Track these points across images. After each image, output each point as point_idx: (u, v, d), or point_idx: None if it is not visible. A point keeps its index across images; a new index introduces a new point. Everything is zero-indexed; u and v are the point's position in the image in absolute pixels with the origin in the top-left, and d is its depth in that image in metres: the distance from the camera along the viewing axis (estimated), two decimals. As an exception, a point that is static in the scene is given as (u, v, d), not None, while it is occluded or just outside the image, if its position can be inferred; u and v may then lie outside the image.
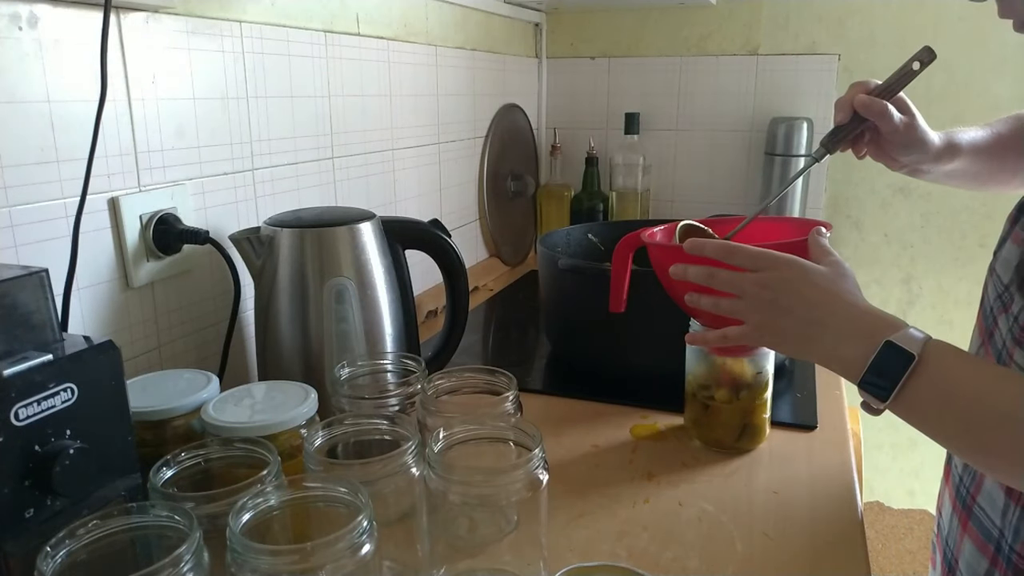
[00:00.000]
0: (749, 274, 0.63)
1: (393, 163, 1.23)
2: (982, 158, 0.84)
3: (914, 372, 0.53)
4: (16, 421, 0.46)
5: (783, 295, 0.61)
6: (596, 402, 0.95)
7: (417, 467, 0.56)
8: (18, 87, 0.64)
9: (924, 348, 0.54)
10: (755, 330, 0.64)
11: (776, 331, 0.63)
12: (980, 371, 0.54)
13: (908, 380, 0.53)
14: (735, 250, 0.65)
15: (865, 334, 0.56)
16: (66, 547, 0.44)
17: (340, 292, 0.81)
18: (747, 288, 0.63)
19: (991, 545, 0.62)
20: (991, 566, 0.62)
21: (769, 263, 0.63)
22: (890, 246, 1.68)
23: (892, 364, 0.54)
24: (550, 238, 1.19)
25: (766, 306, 0.63)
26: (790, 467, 0.79)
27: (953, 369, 0.54)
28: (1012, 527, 0.60)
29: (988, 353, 0.64)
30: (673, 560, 0.64)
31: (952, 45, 1.53)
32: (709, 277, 0.66)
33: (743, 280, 0.64)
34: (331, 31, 1.04)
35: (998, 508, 0.62)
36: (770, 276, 0.62)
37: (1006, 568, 0.61)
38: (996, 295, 0.64)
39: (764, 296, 0.62)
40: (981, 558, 0.64)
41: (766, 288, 0.62)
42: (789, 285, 0.61)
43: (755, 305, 0.63)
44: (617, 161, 1.68)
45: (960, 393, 0.53)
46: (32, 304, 0.50)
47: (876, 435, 1.73)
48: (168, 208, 0.79)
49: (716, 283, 0.66)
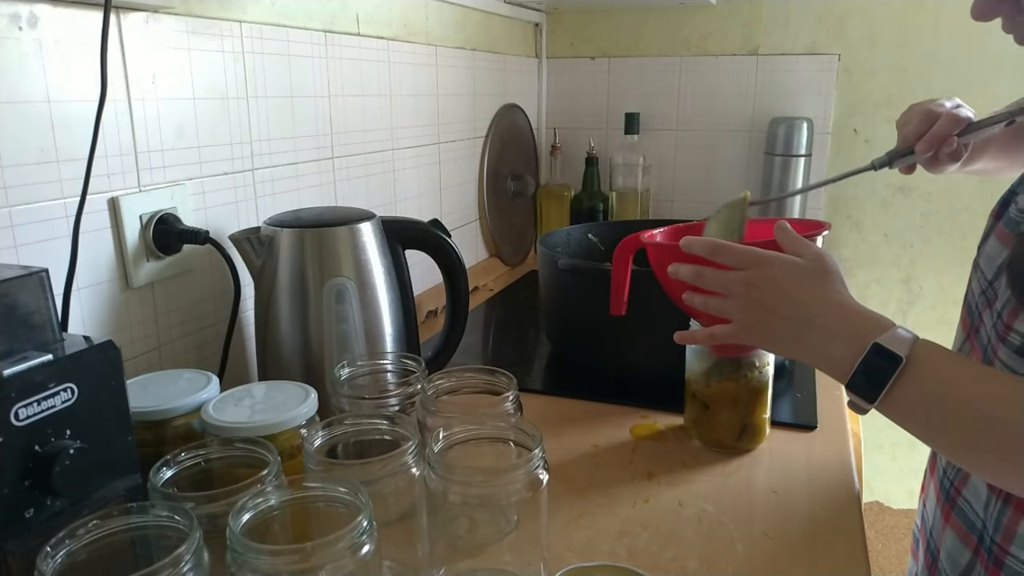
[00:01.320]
0: (736, 272, 0.63)
1: (393, 163, 1.23)
2: (1002, 154, 0.84)
3: (902, 374, 0.53)
4: (16, 421, 0.46)
5: (770, 294, 0.61)
6: (596, 402, 0.95)
7: (417, 467, 0.56)
8: (18, 87, 0.64)
9: (912, 350, 0.54)
10: (742, 329, 0.64)
11: (764, 330, 0.63)
12: (966, 372, 0.54)
13: (896, 382, 0.53)
14: (720, 248, 0.64)
15: (853, 335, 0.56)
16: (66, 547, 0.44)
17: (340, 292, 0.81)
18: (733, 287, 0.63)
19: (974, 536, 0.63)
20: (973, 556, 0.63)
21: (755, 261, 0.63)
22: (890, 246, 1.68)
23: (880, 366, 0.54)
24: (550, 238, 1.19)
25: (753, 305, 0.62)
26: (790, 467, 0.79)
27: (940, 370, 0.54)
28: (993, 520, 0.61)
29: (974, 348, 0.65)
30: (673, 560, 0.64)
31: (952, 45, 1.53)
32: (697, 276, 0.66)
33: (729, 279, 0.63)
34: (331, 31, 1.04)
35: (981, 501, 0.63)
36: (756, 275, 0.62)
37: (988, 560, 0.61)
38: (980, 290, 0.65)
39: (751, 295, 0.62)
40: (964, 549, 0.65)
41: (752, 287, 0.62)
42: (775, 284, 0.61)
43: (742, 304, 0.63)
44: (617, 161, 1.68)
45: (947, 394, 0.53)
46: (32, 304, 0.50)
47: (876, 435, 1.73)
48: (168, 208, 0.79)
49: (703, 282, 0.66)
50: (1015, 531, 0.59)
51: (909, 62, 1.57)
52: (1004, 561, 0.59)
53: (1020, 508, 0.58)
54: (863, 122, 1.64)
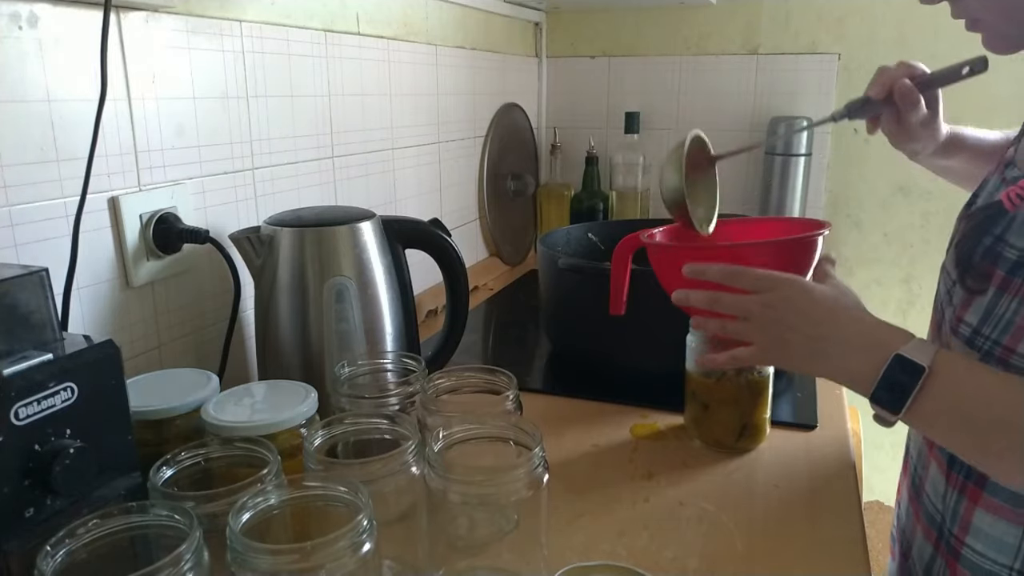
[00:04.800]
0: (754, 296, 0.64)
1: (393, 163, 1.23)
2: (982, 160, 0.84)
3: (925, 383, 0.53)
4: (16, 421, 0.46)
5: (788, 313, 0.62)
6: (596, 402, 0.95)
7: (417, 467, 0.56)
8: (18, 87, 0.64)
9: (934, 359, 0.54)
10: (763, 351, 0.65)
11: (784, 349, 0.63)
12: (987, 379, 0.55)
13: (920, 392, 0.54)
14: (739, 273, 0.65)
15: (873, 347, 0.57)
16: (66, 547, 0.44)
17: (340, 291, 0.81)
18: (753, 309, 0.64)
19: (934, 530, 0.64)
20: (934, 550, 0.64)
21: (770, 284, 0.64)
22: (890, 246, 1.68)
23: (903, 376, 0.54)
24: (550, 238, 1.19)
25: (772, 325, 0.63)
26: (790, 467, 0.79)
27: (963, 378, 0.54)
28: (951, 510, 0.62)
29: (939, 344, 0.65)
30: (673, 560, 0.64)
31: (952, 45, 1.52)
32: (713, 302, 0.67)
33: (748, 302, 0.64)
34: (331, 31, 1.04)
35: (940, 493, 0.64)
36: (773, 296, 0.63)
37: (946, 552, 0.62)
38: (945, 290, 0.66)
39: (769, 315, 0.63)
40: (926, 545, 0.66)
41: (770, 308, 0.63)
42: (792, 303, 0.62)
43: (762, 325, 0.64)
44: (617, 160, 1.68)
45: (969, 402, 0.54)
46: (32, 304, 0.50)
47: (876, 435, 1.73)
48: (168, 207, 0.79)
49: (721, 307, 0.66)
50: (970, 521, 0.60)
51: (909, 62, 1.57)
52: (960, 552, 0.60)
53: (974, 498, 0.59)
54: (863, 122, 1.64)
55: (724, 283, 0.66)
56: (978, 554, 0.59)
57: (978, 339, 0.58)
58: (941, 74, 0.75)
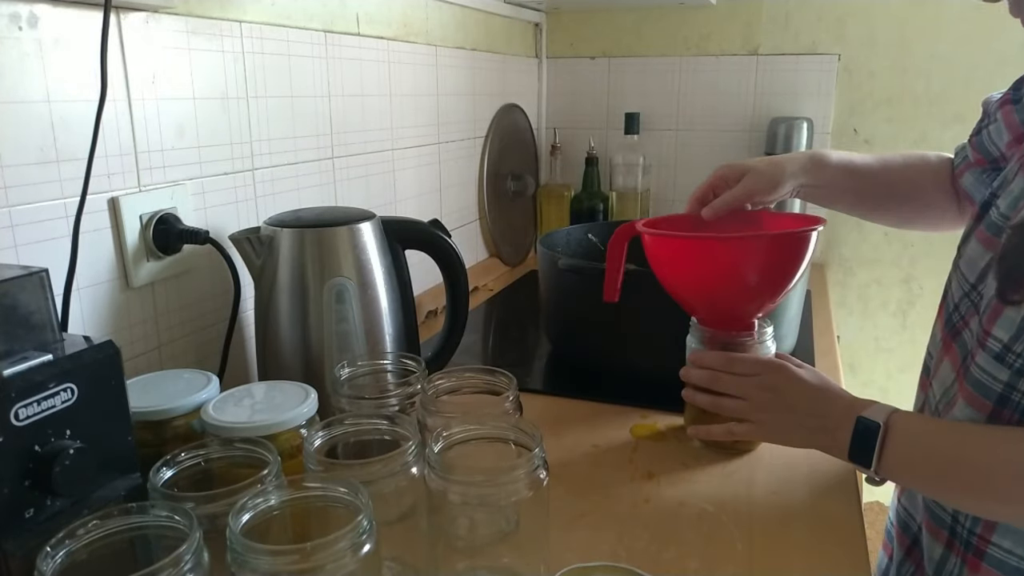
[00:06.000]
0: (751, 378, 0.72)
1: (393, 163, 1.23)
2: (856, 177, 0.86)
3: (885, 438, 0.61)
4: (16, 421, 0.46)
5: (783, 394, 0.70)
6: (596, 402, 0.95)
7: (417, 467, 0.56)
8: (18, 87, 0.64)
9: (889, 418, 0.61)
10: (760, 426, 0.72)
11: (781, 427, 0.71)
12: (939, 425, 0.62)
13: (883, 447, 0.61)
14: (734, 360, 0.74)
15: (849, 418, 0.64)
16: (66, 547, 0.44)
17: (340, 292, 0.81)
18: (750, 391, 0.72)
19: (945, 531, 0.65)
20: (947, 551, 0.64)
21: (762, 368, 0.73)
22: (890, 246, 1.68)
23: (866, 436, 0.62)
24: (550, 238, 1.19)
25: (768, 405, 0.71)
26: (790, 467, 0.79)
27: (918, 430, 0.61)
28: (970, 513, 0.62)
29: (950, 349, 0.66)
30: (673, 560, 0.64)
31: (952, 45, 1.53)
32: (714, 381, 0.75)
33: (747, 384, 0.73)
34: (331, 31, 1.04)
35: None
36: (770, 379, 0.71)
37: (965, 552, 0.63)
38: (963, 293, 0.66)
39: (765, 396, 0.71)
40: (935, 546, 0.66)
41: (766, 390, 0.71)
42: (785, 386, 0.70)
43: (759, 404, 0.72)
44: (617, 161, 1.68)
45: (932, 449, 0.60)
46: (32, 304, 0.50)
47: (876, 435, 1.73)
48: (168, 208, 0.79)
49: (721, 386, 0.75)
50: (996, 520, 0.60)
51: (909, 62, 1.57)
52: (986, 551, 0.60)
53: None
54: (863, 122, 1.64)
55: (723, 370, 0.74)
56: (1006, 551, 0.59)
57: (1009, 356, 0.56)
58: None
